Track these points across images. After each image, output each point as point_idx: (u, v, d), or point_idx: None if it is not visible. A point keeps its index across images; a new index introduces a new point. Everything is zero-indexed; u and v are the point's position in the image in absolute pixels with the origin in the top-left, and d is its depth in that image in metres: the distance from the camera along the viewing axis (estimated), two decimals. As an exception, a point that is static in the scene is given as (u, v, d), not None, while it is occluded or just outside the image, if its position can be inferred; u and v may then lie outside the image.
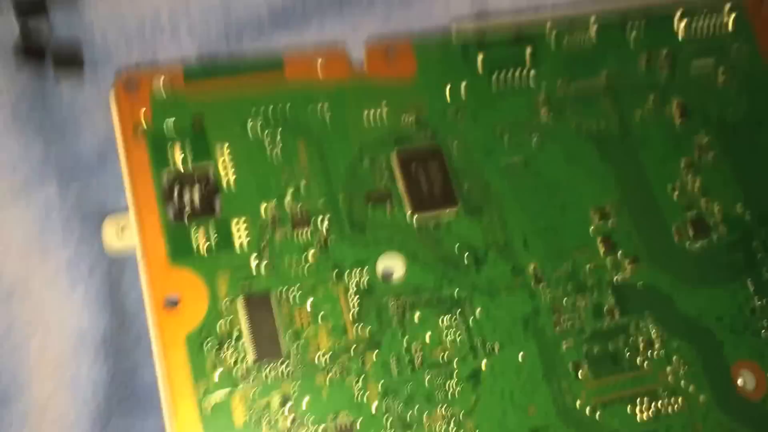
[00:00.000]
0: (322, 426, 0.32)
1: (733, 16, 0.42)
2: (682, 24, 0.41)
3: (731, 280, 0.37)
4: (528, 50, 0.39)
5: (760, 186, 0.38)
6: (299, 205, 0.35)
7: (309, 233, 0.34)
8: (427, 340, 0.34)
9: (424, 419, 0.33)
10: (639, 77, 0.39)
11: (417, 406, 0.33)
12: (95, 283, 0.36)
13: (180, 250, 0.33)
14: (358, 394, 0.32)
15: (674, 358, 0.35)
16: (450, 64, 0.38)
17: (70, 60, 0.40)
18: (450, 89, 0.38)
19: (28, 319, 0.36)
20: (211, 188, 0.34)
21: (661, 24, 0.40)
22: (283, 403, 0.32)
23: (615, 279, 0.36)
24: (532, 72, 0.39)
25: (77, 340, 0.35)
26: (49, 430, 0.34)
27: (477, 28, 0.39)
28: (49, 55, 0.39)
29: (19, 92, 0.38)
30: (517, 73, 0.39)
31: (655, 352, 0.35)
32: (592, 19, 0.40)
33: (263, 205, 0.34)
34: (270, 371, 0.32)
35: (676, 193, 0.38)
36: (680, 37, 0.40)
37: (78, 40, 0.39)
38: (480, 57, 0.38)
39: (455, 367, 0.33)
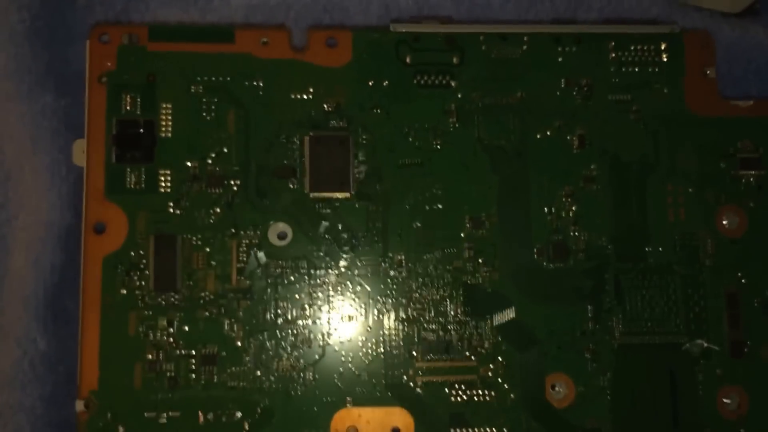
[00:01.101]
0: (193, 350, 0.39)
1: (666, 56, 0.43)
2: (613, 55, 0.43)
3: (574, 302, 0.41)
4: (454, 59, 0.42)
5: (630, 225, 0.42)
6: (216, 168, 0.40)
7: (219, 193, 0.40)
8: (294, 300, 0.40)
9: (275, 362, 0.40)
10: (552, 101, 0.42)
11: (270, 352, 0.40)
12: (67, 184, 0.43)
13: (114, 187, 0.40)
14: (228, 332, 0.40)
15: (499, 357, 0.41)
16: (381, 59, 0.42)
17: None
18: (374, 84, 0.42)
19: (19, 200, 0.43)
20: (151, 140, 0.40)
21: (592, 52, 0.42)
22: (168, 326, 0.39)
23: (468, 281, 0.41)
24: (453, 82, 0.42)
25: (46, 228, 0.43)
26: (9, 297, 0.43)
27: (414, 29, 0.42)
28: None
29: (39, 4, 0.44)
30: (438, 79, 0.42)
31: (484, 350, 0.40)
32: (525, 37, 0.43)
33: (188, 162, 0.40)
34: (163, 299, 0.40)
35: (550, 217, 0.42)
36: (609, 68, 0.42)
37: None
38: (409, 57, 0.42)
39: (310, 328, 0.40)
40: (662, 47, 0.43)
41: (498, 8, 0.45)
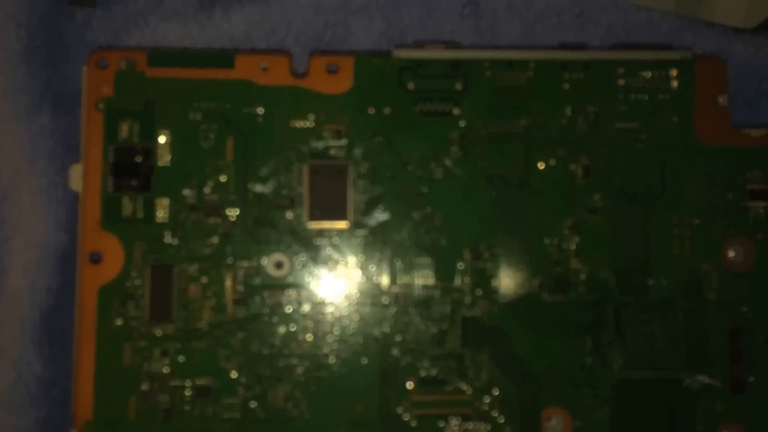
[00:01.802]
0: (188, 381, 0.39)
1: (677, 83, 0.41)
2: (622, 82, 0.41)
3: (573, 336, 0.40)
4: (458, 85, 0.40)
5: (633, 257, 0.40)
6: (215, 197, 0.39)
7: (216, 222, 0.39)
8: (290, 332, 0.39)
9: (269, 394, 0.39)
10: (557, 129, 0.41)
11: (265, 384, 0.39)
12: (64, 207, 0.43)
13: (110, 217, 0.39)
14: (222, 363, 0.39)
15: (495, 390, 0.40)
16: (383, 86, 0.40)
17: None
18: (375, 111, 0.40)
19: (15, 222, 0.43)
20: (148, 168, 0.39)
21: (600, 78, 0.41)
22: (163, 357, 0.39)
23: (467, 313, 0.40)
24: (457, 109, 0.40)
25: (43, 250, 0.42)
26: (5, 320, 0.42)
27: (417, 55, 0.41)
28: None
29: (36, 22, 0.43)
30: (441, 107, 0.40)
31: (480, 382, 0.39)
32: (532, 64, 0.41)
33: (185, 191, 0.39)
34: (158, 329, 0.39)
35: (552, 248, 0.40)
36: (617, 95, 0.41)
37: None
38: (411, 84, 0.40)
39: (306, 359, 0.39)
40: (673, 74, 0.41)
41: (504, 24, 0.43)
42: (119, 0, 0.43)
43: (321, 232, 0.39)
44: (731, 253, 0.40)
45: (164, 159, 0.39)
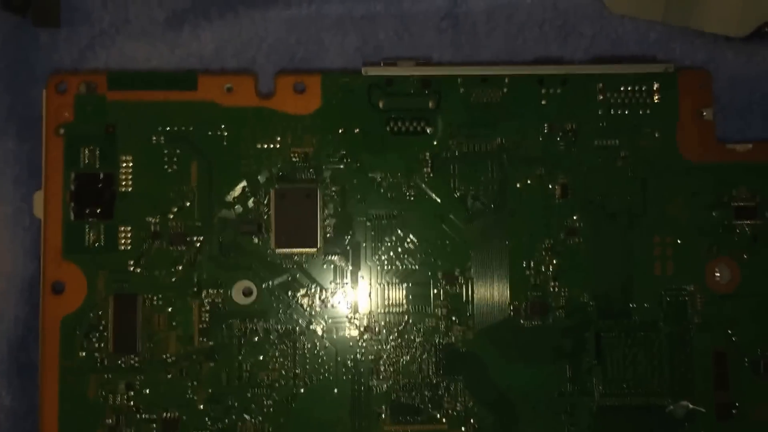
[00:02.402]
0: (155, 415, 0.37)
1: (658, 97, 0.39)
2: (601, 97, 0.39)
3: (552, 362, 0.38)
4: (430, 103, 0.38)
5: (613, 280, 0.38)
6: (179, 224, 0.38)
7: (181, 250, 0.37)
8: (258, 361, 0.37)
9: (239, 426, 0.37)
10: (534, 147, 0.38)
11: (233, 416, 0.37)
12: (31, 235, 0.41)
13: (72, 246, 0.37)
14: (190, 395, 0.37)
15: (471, 420, 0.38)
16: (352, 105, 0.38)
17: (50, 16, 0.42)
18: (344, 131, 0.38)
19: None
20: (111, 195, 0.38)
21: (578, 93, 0.39)
22: (128, 389, 0.37)
23: (442, 341, 0.38)
24: (429, 128, 0.38)
25: (9, 280, 0.41)
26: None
27: (387, 72, 0.38)
28: (31, 10, 0.41)
29: (0, 44, 0.41)
30: (413, 126, 0.38)
31: (455, 412, 0.38)
32: (507, 79, 0.39)
33: (149, 219, 0.38)
34: (123, 361, 0.37)
35: (529, 272, 0.38)
36: (596, 111, 0.38)
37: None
38: (381, 102, 0.38)
39: (275, 389, 0.37)
40: (655, 87, 0.39)
41: (484, 38, 0.41)
42: (84, 20, 0.41)
43: (290, 258, 0.37)
44: (716, 274, 0.38)
45: (127, 185, 0.37)
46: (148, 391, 0.37)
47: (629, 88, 0.39)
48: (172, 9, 0.41)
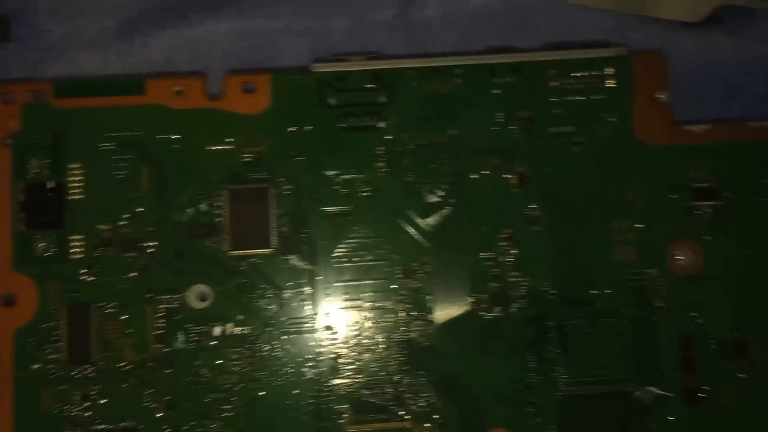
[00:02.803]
0: (112, 425, 0.36)
1: (613, 82, 0.38)
2: (555, 84, 0.38)
3: (515, 353, 0.37)
4: (382, 98, 0.37)
5: (575, 267, 0.37)
6: (130, 231, 0.37)
7: (134, 257, 0.36)
8: (216, 366, 0.36)
9: (198, 432, 0.36)
10: (488, 139, 0.38)
11: (193, 422, 0.36)
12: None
13: (23, 258, 0.36)
14: (147, 404, 0.36)
15: (435, 416, 0.37)
16: (303, 103, 0.38)
17: (1, 32, 0.41)
18: (295, 130, 0.37)
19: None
20: (61, 204, 0.37)
21: (531, 82, 0.38)
22: (84, 400, 0.36)
23: (403, 337, 0.37)
24: (382, 123, 0.38)
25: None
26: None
27: (337, 68, 0.38)
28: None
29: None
30: (365, 121, 0.38)
31: (419, 408, 0.37)
32: (459, 70, 0.38)
33: (100, 226, 0.37)
34: (78, 372, 0.36)
35: (489, 262, 0.37)
36: (550, 99, 0.38)
37: (8, 12, 0.40)
38: (333, 99, 0.37)
39: (234, 393, 0.36)
40: (608, 72, 0.38)
41: (439, 32, 0.41)
42: (34, 33, 0.40)
43: (245, 260, 0.36)
44: (679, 257, 0.37)
45: (77, 193, 0.36)
46: (104, 401, 0.36)
47: (582, 74, 0.38)
48: (123, 18, 0.40)
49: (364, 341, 0.37)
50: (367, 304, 0.37)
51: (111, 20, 0.40)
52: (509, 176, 0.37)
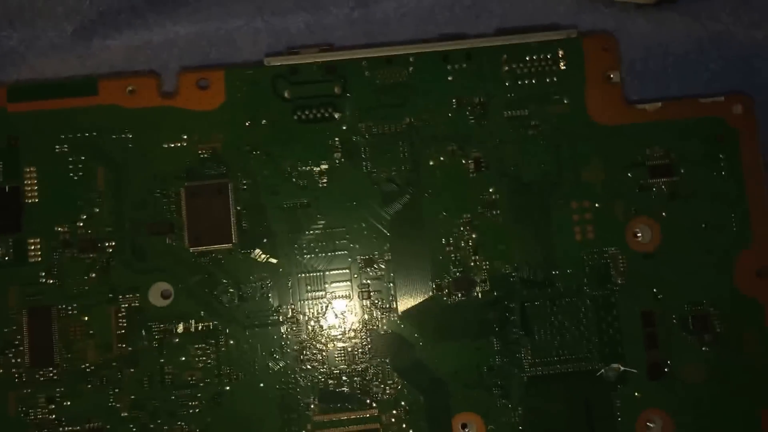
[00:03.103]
0: (78, 426, 0.36)
1: (564, 64, 0.38)
2: (507, 68, 0.38)
3: (478, 337, 0.37)
4: (336, 88, 0.37)
5: (535, 249, 0.37)
6: (88, 231, 0.36)
7: (93, 257, 0.36)
8: (181, 363, 0.36)
9: (165, 430, 0.36)
10: (444, 125, 0.38)
11: (159, 420, 0.36)
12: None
13: (-20, 262, 0.36)
14: (112, 403, 0.36)
15: (402, 402, 0.36)
16: (257, 97, 0.37)
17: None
18: (251, 124, 0.37)
19: None
20: (17, 208, 0.36)
21: (484, 67, 0.38)
22: (49, 403, 0.36)
23: (365, 326, 0.37)
24: (337, 114, 0.37)
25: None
26: None
27: (290, 61, 0.38)
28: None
29: None
30: (320, 113, 0.37)
31: (386, 396, 0.36)
32: (411, 58, 0.38)
33: (57, 228, 0.36)
34: (41, 375, 0.36)
35: (449, 248, 0.37)
36: (503, 83, 0.38)
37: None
38: (287, 92, 0.37)
39: (200, 389, 0.36)
40: (560, 54, 0.38)
41: (396, 24, 0.40)
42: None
43: (206, 255, 0.36)
44: (637, 234, 0.37)
45: (33, 196, 0.36)
46: (69, 402, 0.35)
47: (534, 57, 0.38)
48: (80, 21, 0.40)
49: (327, 331, 0.36)
50: (330, 295, 0.36)
51: (68, 24, 0.40)
52: (466, 162, 0.37)
